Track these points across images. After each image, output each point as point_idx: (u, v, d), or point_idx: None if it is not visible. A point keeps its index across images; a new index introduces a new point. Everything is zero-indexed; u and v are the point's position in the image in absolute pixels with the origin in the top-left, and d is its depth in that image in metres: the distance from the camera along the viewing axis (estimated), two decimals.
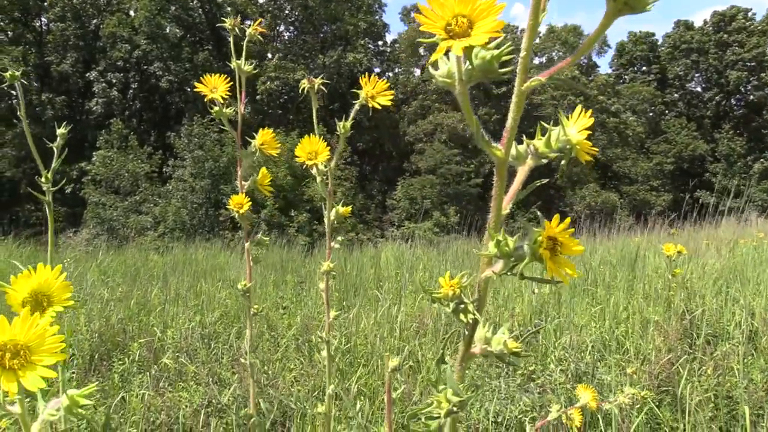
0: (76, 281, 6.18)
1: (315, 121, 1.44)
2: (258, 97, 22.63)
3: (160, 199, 18.31)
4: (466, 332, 0.67)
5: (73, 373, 3.79)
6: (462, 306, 0.67)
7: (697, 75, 31.78)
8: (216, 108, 1.45)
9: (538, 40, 31.40)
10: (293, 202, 16.89)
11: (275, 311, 4.78)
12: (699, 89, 32.11)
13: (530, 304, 4.65)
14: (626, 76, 32.32)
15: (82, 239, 15.58)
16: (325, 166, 1.37)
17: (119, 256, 9.47)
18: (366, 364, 3.82)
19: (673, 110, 30.84)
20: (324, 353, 1.33)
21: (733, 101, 31.29)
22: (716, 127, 29.84)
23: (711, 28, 30.79)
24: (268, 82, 22.35)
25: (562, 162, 0.63)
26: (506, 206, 0.63)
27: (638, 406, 2.58)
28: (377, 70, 26.69)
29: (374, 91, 1.26)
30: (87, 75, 22.86)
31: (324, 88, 1.41)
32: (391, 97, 1.28)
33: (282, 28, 25.86)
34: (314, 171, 1.38)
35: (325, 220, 1.35)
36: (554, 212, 0.79)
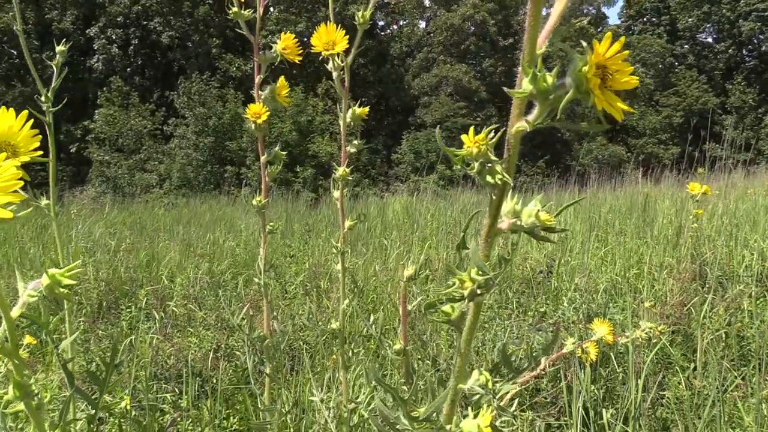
0: (84, 233, 6.17)
1: (330, 8, 1.35)
2: (261, 51, 22.28)
3: (164, 157, 18.24)
4: (493, 197, 0.60)
5: (82, 320, 3.80)
6: (489, 166, 0.60)
7: (708, 26, 31.05)
8: (234, 9, 1.36)
9: None
10: (298, 158, 16.78)
11: (283, 259, 4.76)
12: (710, 40, 31.43)
13: (540, 250, 4.61)
14: (635, 28, 31.60)
15: (87, 197, 15.58)
16: (342, 61, 1.28)
17: (125, 210, 9.46)
18: (376, 310, 3.80)
19: (683, 62, 30.24)
20: (338, 266, 1.28)
21: (745, 52, 30.64)
22: (727, 78, 29.30)
23: None
24: (270, 36, 21.98)
25: None
26: (542, 44, 0.55)
27: (654, 340, 2.56)
28: (381, 23, 26.19)
29: None
30: (87, 32, 22.51)
31: None
32: None
33: None
34: (330, 65, 1.30)
35: (341, 122, 1.27)
36: (561, 166, 0.73)
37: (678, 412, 2.51)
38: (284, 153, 1.34)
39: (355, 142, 1.35)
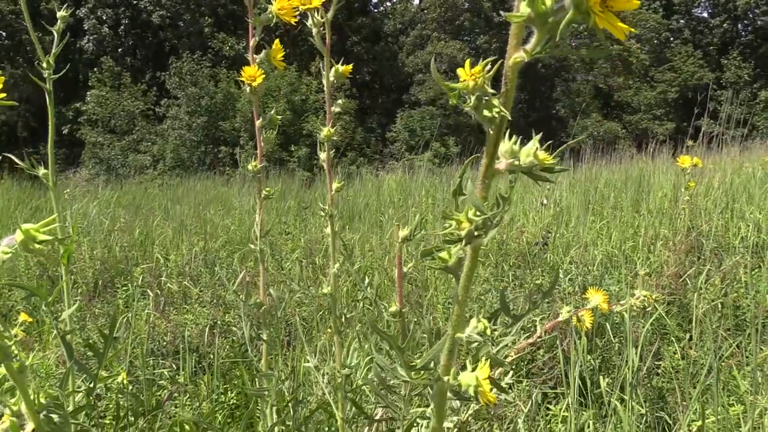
0: (79, 213, 6.14)
1: None
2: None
3: (157, 138, 18.12)
4: (491, 132, 0.58)
5: (78, 299, 3.78)
6: (486, 100, 0.57)
7: (703, 0, 30.83)
8: None
9: None
10: (292, 137, 16.68)
11: (279, 236, 4.75)
12: (706, 15, 31.22)
13: (536, 224, 4.61)
14: None
15: (81, 178, 15.51)
16: (322, 17, 1.25)
17: (120, 191, 9.42)
18: (372, 284, 3.80)
19: (678, 37, 30.04)
20: (327, 230, 1.26)
21: (740, 27, 30.47)
22: (723, 53, 29.15)
23: None
24: (262, 14, 21.71)
25: None
26: None
27: (649, 309, 2.56)
28: (374, 0, 25.93)
29: None
30: (77, 12, 22.19)
31: None
32: None
33: None
34: (309, 22, 1.26)
35: (324, 81, 1.24)
36: (556, 143, 0.71)
37: (675, 380, 2.53)
38: (279, 117, 1.31)
39: (340, 101, 1.32)
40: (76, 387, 1.94)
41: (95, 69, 19.96)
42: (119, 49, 22.84)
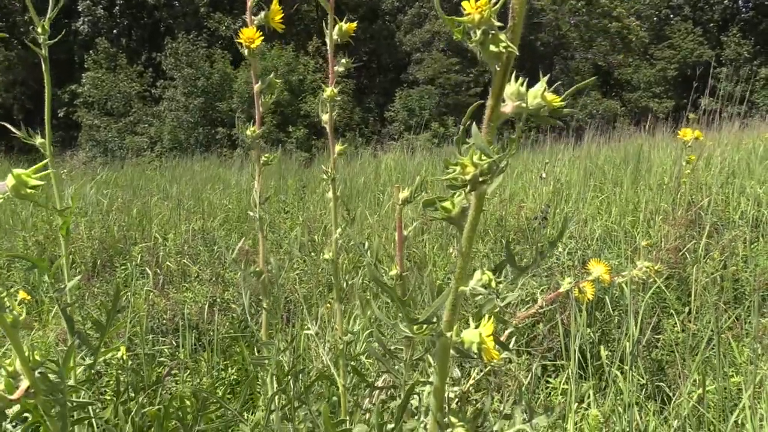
0: (76, 194, 6.11)
1: None
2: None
3: (154, 119, 18.02)
4: (497, 69, 0.56)
5: (77, 278, 3.77)
6: (492, 34, 0.55)
7: None
8: None
9: None
10: (290, 118, 16.59)
11: (277, 214, 4.73)
12: None
13: (535, 200, 4.60)
14: None
15: (78, 161, 15.45)
16: None
17: (117, 172, 9.39)
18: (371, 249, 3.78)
19: (678, 14, 29.79)
20: (329, 195, 1.24)
21: (740, 3, 30.22)
22: (723, 30, 28.94)
23: None
24: None
25: None
26: None
27: (651, 281, 2.55)
28: None
29: None
30: None
31: None
32: None
33: None
34: None
35: (327, 39, 1.21)
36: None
37: (675, 352, 2.53)
38: (278, 81, 1.28)
39: (343, 60, 1.28)
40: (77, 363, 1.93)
41: (90, 51, 19.80)
42: (114, 30, 22.62)
